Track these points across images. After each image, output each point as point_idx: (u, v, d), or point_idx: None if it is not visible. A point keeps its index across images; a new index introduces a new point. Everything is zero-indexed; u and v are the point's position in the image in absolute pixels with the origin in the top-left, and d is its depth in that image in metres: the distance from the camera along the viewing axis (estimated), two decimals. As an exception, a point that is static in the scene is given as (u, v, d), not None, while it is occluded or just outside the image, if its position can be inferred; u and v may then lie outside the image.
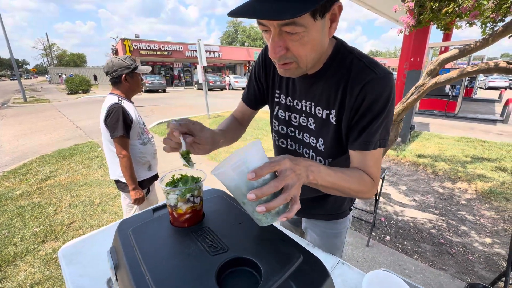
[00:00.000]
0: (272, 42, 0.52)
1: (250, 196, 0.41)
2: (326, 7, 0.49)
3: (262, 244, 0.50)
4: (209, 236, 0.51)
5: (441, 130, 6.28)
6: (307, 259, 0.46)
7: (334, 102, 0.65)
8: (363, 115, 0.61)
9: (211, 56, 24.41)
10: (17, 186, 3.26)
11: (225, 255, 0.46)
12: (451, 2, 1.99)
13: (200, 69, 7.04)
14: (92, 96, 16.02)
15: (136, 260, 0.45)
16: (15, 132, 6.61)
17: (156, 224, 0.56)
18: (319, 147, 0.73)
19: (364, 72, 0.59)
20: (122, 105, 1.50)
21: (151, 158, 1.70)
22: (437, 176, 3.54)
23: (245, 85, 0.92)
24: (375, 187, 0.65)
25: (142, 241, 0.50)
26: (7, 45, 13.24)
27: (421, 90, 2.03)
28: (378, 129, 0.61)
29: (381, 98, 0.58)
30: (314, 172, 0.50)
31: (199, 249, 0.48)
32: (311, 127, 0.73)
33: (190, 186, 0.53)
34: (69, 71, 33.39)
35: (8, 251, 2.07)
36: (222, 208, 0.64)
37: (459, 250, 2.12)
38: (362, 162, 0.64)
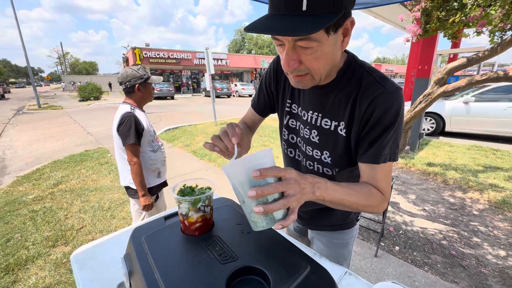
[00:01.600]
0: (286, 56, 0.54)
1: (250, 193, 0.43)
2: (339, 22, 0.51)
3: (271, 253, 0.52)
4: (219, 245, 0.53)
5: (451, 138, 6.16)
6: (315, 270, 0.47)
7: (344, 114, 0.66)
8: (372, 128, 0.62)
9: (218, 63, 24.82)
10: (30, 191, 3.35)
11: (234, 264, 0.47)
12: (458, 12, 2.00)
13: (208, 77, 7.17)
14: (103, 103, 16.44)
15: (150, 267, 0.47)
16: (29, 137, 6.83)
17: (168, 232, 0.58)
18: (324, 160, 0.74)
19: (374, 86, 0.61)
20: (135, 113, 1.55)
21: (161, 165, 1.74)
22: (448, 185, 3.46)
23: (255, 92, 0.94)
24: (385, 202, 0.65)
25: (154, 249, 0.52)
26: (25, 55, 13.81)
27: (429, 98, 2.02)
28: (388, 143, 0.62)
29: (390, 111, 0.60)
30: (321, 188, 0.52)
31: (209, 257, 0.49)
32: (314, 140, 0.74)
33: (201, 196, 0.55)
34: (82, 78, 34.58)
35: (21, 254, 2.12)
36: (231, 217, 0.65)
37: (471, 263, 2.06)
38: (371, 176, 0.64)
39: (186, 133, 6.72)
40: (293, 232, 1.14)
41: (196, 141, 5.89)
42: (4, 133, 7.58)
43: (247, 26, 0.50)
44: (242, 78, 30.39)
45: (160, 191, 1.80)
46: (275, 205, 0.44)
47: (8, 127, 8.54)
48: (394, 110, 0.60)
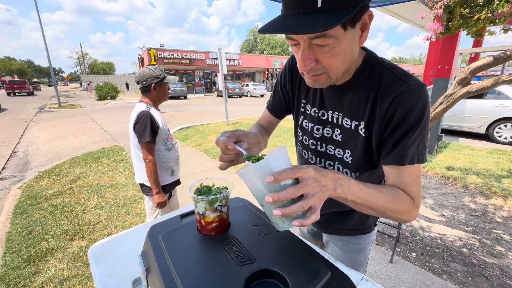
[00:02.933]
0: (302, 56, 0.53)
1: (267, 199, 0.42)
2: (357, 16, 0.49)
3: (289, 257, 0.50)
4: (236, 246, 0.52)
5: (471, 141, 5.89)
6: (336, 276, 0.46)
7: (363, 113, 0.63)
8: (396, 128, 0.58)
9: (230, 64, 24.98)
10: (51, 186, 3.50)
11: (252, 266, 0.46)
12: (483, 8, 1.90)
13: (221, 77, 7.22)
14: (119, 102, 16.95)
15: (167, 266, 0.47)
16: (50, 135, 7.14)
17: (184, 231, 0.58)
18: (346, 159, 0.70)
19: (395, 84, 0.58)
20: (150, 112, 1.58)
21: (174, 163, 1.76)
22: (468, 191, 3.30)
23: (271, 94, 0.92)
24: (416, 209, 0.60)
25: (171, 247, 0.52)
26: (47, 56, 14.46)
27: (451, 99, 1.93)
28: (413, 143, 0.58)
29: (415, 109, 0.56)
30: (343, 185, 0.48)
31: (226, 259, 0.49)
32: (337, 139, 0.71)
33: (219, 195, 0.54)
34: (99, 78, 35.72)
35: (41, 246, 2.22)
36: (247, 218, 0.65)
37: (494, 273, 1.95)
38: (398, 179, 0.59)
39: (198, 132, 6.80)
40: (306, 234, 1.12)
41: (208, 140, 5.94)
42: (28, 130, 7.97)
43: (261, 27, 0.48)
44: (254, 78, 30.43)
45: (174, 189, 1.83)
46: (292, 208, 0.42)
47: (31, 125, 8.96)
48: (419, 108, 0.56)
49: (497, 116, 5.61)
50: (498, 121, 5.65)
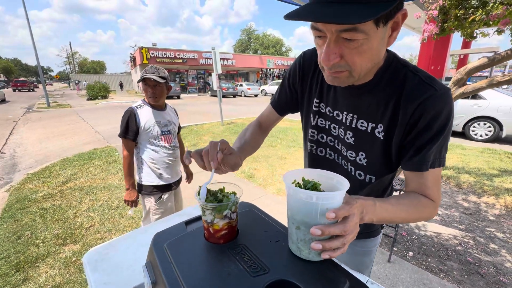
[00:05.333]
0: (327, 49, 0.49)
1: (315, 231, 0.43)
2: (391, 14, 0.46)
3: (304, 266, 0.48)
4: (247, 255, 0.49)
5: (463, 140, 6.02)
6: (354, 285, 0.44)
7: (383, 116, 0.61)
8: (420, 134, 0.57)
9: (224, 63, 24.85)
10: (40, 188, 3.38)
11: (267, 277, 0.44)
12: (478, 10, 1.93)
13: (215, 77, 7.16)
14: (111, 102, 16.61)
15: (175, 279, 0.44)
16: (38, 135, 6.93)
17: (191, 239, 0.55)
18: (359, 161, 0.68)
19: (421, 88, 0.55)
20: (136, 110, 1.61)
21: (163, 167, 1.70)
22: (461, 189, 3.36)
23: (276, 91, 0.88)
24: (437, 208, 0.62)
25: (178, 257, 0.49)
26: (35, 55, 14.06)
27: (447, 100, 1.96)
28: (437, 148, 0.57)
29: (441, 115, 0.55)
30: (369, 212, 0.50)
31: (238, 269, 0.46)
32: (349, 141, 0.69)
33: (228, 202, 0.51)
34: (90, 78, 34.91)
35: (31, 252, 2.13)
36: (255, 223, 0.62)
37: (489, 270, 1.98)
38: (421, 183, 0.60)
39: (192, 133, 6.72)
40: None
41: (202, 141, 5.88)
42: (15, 131, 7.71)
43: (288, 13, 0.45)
44: (248, 78, 30.38)
45: (169, 192, 1.77)
46: (335, 243, 0.44)
47: (19, 125, 8.68)
48: (445, 114, 0.55)
49: (472, 115, 5.92)
50: (473, 120, 5.96)
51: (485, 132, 5.86)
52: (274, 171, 4.01)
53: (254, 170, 4.08)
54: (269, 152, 4.99)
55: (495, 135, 5.72)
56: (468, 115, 6.01)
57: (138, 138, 1.63)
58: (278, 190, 3.35)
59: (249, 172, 3.97)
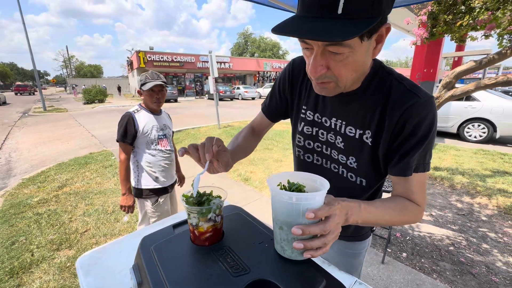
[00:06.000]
0: (314, 61, 0.52)
1: (296, 231, 0.44)
2: (375, 28, 0.48)
3: (284, 266, 0.50)
4: (230, 256, 0.51)
5: (457, 142, 6.09)
6: (331, 284, 0.46)
7: (370, 123, 0.63)
8: (405, 140, 0.59)
9: (221, 66, 24.93)
10: (35, 193, 3.36)
11: (247, 277, 0.46)
12: (465, 15, 1.98)
13: (212, 80, 7.19)
14: (107, 105, 16.58)
15: (160, 279, 0.46)
16: (34, 140, 6.89)
17: (178, 242, 0.57)
18: (350, 164, 0.70)
19: (406, 96, 0.58)
20: (133, 114, 1.63)
21: (159, 170, 1.73)
22: (455, 190, 3.40)
23: (267, 96, 0.90)
24: (421, 213, 0.64)
25: (164, 259, 0.51)
26: (31, 59, 14.02)
27: (437, 102, 1.99)
28: (421, 154, 0.60)
29: (425, 122, 0.57)
30: (354, 214, 0.52)
31: (221, 270, 0.48)
32: (339, 146, 0.71)
33: (212, 205, 0.53)
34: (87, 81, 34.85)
35: (25, 257, 2.12)
36: (241, 226, 0.64)
37: (481, 270, 2.01)
38: (405, 188, 0.63)
39: (189, 136, 6.73)
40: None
41: (199, 144, 5.89)
42: (10, 136, 7.66)
43: (274, 27, 0.47)
44: (245, 81, 30.49)
45: (165, 195, 1.79)
46: (315, 243, 0.45)
47: (14, 130, 8.63)
48: (429, 120, 0.57)
49: (466, 117, 6.02)
50: (467, 121, 6.07)
51: (479, 134, 5.94)
52: (271, 174, 4.02)
53: (250, 173, 4.10)
54: (265, 155, 5.01)
55: (489, 136, 5.80)
56: (462, 117, 6.11)
57: (136, 142, 1.66)
58: (274, 193, 3.36)
59: (245, 175, 3.98)
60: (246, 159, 4.72)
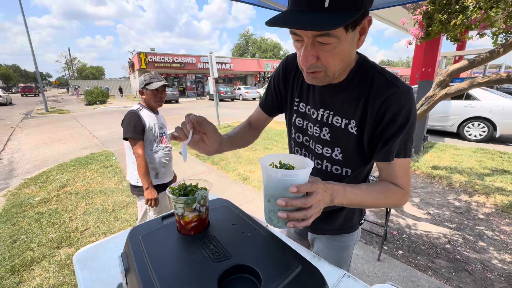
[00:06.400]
0: (305, 51, 0.55)
1: (280, 203, 0.48)
2: (358, 20, 0.52)
3: (264, 253, 0.52)
4: (213, 244, 0.54)
5: (457, 141, 6.08)
6: (306, 269, 0.48)
7: (355, 112, 0.67)
8: (386, 127, 0.63)
9: (222, 67, 25.00)
10: (37, 193, 3.41)
11: (227, 262, 0.48)
12: (459, 14, 2.00)
13: (212, 81, 7.23)
14: (109, 106, 16.68)
15: (145, 265, 0.49)
16: (36, 141, 6.96)
17: (165, 231, 0.60)
18: (335, 157, 0.74)
19: (386, 86, 0.63)
20: (138, 112, 1.66)
21: (160, 166, 1.78)
22: (453, 189, 3.41)
23: (264, 92, 0.94)
24: (406, 196, 0.67)
25: (151, 247, 0.53)
26: (34, 61, 14.15)
27: (431, 101, 2.01)
28: (402, 140, 0.64)
29: (403, 110, 0.61)
30: (339, 195, 0.56)
31: (203, 256, 0.50)
32: (325, 138, 0.74)
33: (197, 196, 0.56)
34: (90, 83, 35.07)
35: (26, 255, 2.16)
36: (227, 218, 0.66)
37: (477, 267, 2.02)
38: (390, 173, 0.67)
39: (189, 136, 6.76)
40: (293, 234, 1.15)
41: (199, 144, 5.92)
42: (13, 137, 7.75)
43: (268, 20, 0.51)
44: (246, 81, 30.54)
45: (164, 192, 1.82)
46: (297, 214, 0.49)
47: (17, 131, 8.72)
48: (407, 109, 0.61)
49: (466, 116, 6.02)
50: (467, 120, 6.06)
51: (479, 133, 5.93)
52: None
53: (249, 172, 4.13)
54: (264, 155, 5.03)
55: (489, 135, 5.78)
56: (462, 116, 6.09)
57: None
58: (272, 192, 3.39)
59: (244, 174, 4.01)
60: (245, 159, 4.74)
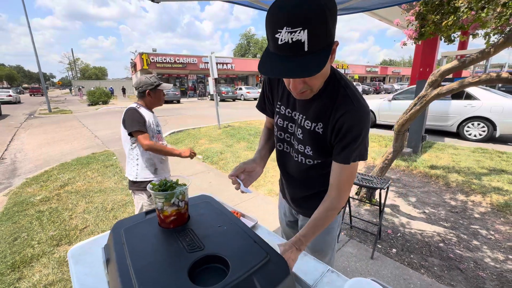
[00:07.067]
0: (294, 83, 0.69)
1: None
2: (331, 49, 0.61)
3: (236, 244, 0.56)
4: (190, 236, 0.58)
5: (456, 140, 6.07)
6: (274, 259, 0.52)
7: (322, 118, 0.80)
8: (344, 136, 0.75)
9: (224, 67, 25.08)
10: (38, 192, 3.47)
11: (200, 253, 0.52)
12: (451, 15, 2.02)
13: (212, 81, 7.28)
14: (111, 107, 16.81)
15: (123, 255, 0.52)
16: (39, 141, 7.05)
17: (146, 225, 0.63)
18: (307, 152, 0.88)
19: (345, 102, 0.75)
20: (137, 108, 1.71)
21: (158, 162, 1.83)
22: (450, 188, 3.42)
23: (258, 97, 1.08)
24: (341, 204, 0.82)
25: (131, 239, 0.57)
26: (37, 61, 14.30)
27: (424, 101, 2.03)
28: (357, 148, 0.75)
29: (358, 124, 0.73)
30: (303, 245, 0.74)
31: (178, 247, 0.54)
32: (299, 137, 0.88)
33: (175, 191, 0.60)
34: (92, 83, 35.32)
35: (26, 252, 2.21)
36: (207, 212, 0.70)
37: (469, 266, 2.04)
38: (339, 175, 0.79)
39: (190, 136, 6.82)
40: (286, 227, 1.26)
41: (199, 144, 5.97)
42: (16, 137, 7.85)
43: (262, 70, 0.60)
44: (248, 81, 30.58)
45: None
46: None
47: (20, 131, 8.83)
48: (361, 123, 0.73)
49: (466, 115, 6.02)
50: (467, 120, 6.05)
51: (479, 132, 5.91)
52: (267, 172, 4.08)
53: (247, 172, 4.15)
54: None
55: (489, 135, 5.76)
56: (462, 116, 6.08)
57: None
58: (269, 191, 3.42)
59: (242, 174, 4.04)
60: (244, 158, 4.78)
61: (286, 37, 0.54)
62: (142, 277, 0.46)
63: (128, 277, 0.46)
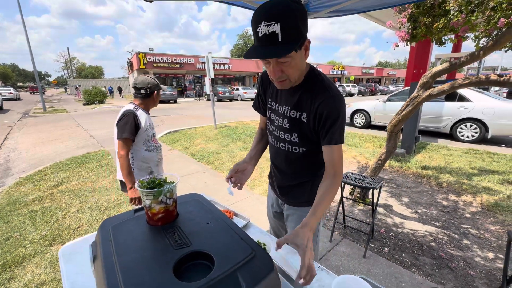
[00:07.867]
0: (273, 69, 0.82)
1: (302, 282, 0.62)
2: (302, 43, 0.77)
3: (222, 241, 0.57)
4: (177, 233, 0.59)
5: (449, 141, 6.15)
6: (258, 255, 0.53)
7: (305, 107, 0.92)
8: (325, 122, 0.88)
9: (221, 68, 25.05)
10: (31, 192, 3.44)
11: (186, 249, 0.53)
12: (442, 18, 2.05)
13: (208, 81, 7.27)
14: (107, 106, 16.68)
15: (110, 252, 0.53)
16: (33, 140, 6.98)
17: (135, 222, 0.64)
18: (293, 140, 1.00)
19: (323, 91, 0.89)
20: (135, 112, 1.68)
21: (153, 165, 1.82)
22: (442, 189, 3.47)
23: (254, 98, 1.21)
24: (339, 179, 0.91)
25: (118, 236, 0.58)
26: (31, 60, 14.14)
27: (415, 102, 2.06)
28: (337, 130, 0.88)
29: (335, 109, 0.87)
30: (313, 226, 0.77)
31: (165, 244, 0.55)
32: (285, 126, 1.00)
33: (163, 188, 0.61)
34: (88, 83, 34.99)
35: (18, 252, 2.19)
36: (196, 210, 0.71)
37: (459, 264, 2.07)
38: (331, 156, 0.91)
39: (186, 136, 6.80)
40: (272, 218, 1.36)
41: (195, 144, 5.96)
42: (10, 136, 7.75)
43: (246, 54, 0.76)
44: (245, 82, 30.58)
45: None
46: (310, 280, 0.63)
47: (14, 130, 8.72)
48: (337, 108, 0.87)
49: (459, 117, 6.12)
50: (460, 122, 6.16)
51: (472, 134, 6.00)
52: (262, 173, 4.09)
53: (243, 172, 4.16)
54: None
55: (481, 136, 5.86)
56: (455, 117, 6.17)
57: (136, 138, 1.71)
58: (264, 191, 3.44)
59: (238, 174, 4.05)
60: (240, 158, 4.79)
61: (264, 29, 0.70)
62: (127, 273, 0.47)
63: (113, 274, 0.47)
